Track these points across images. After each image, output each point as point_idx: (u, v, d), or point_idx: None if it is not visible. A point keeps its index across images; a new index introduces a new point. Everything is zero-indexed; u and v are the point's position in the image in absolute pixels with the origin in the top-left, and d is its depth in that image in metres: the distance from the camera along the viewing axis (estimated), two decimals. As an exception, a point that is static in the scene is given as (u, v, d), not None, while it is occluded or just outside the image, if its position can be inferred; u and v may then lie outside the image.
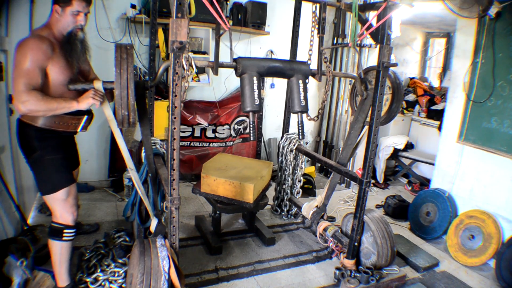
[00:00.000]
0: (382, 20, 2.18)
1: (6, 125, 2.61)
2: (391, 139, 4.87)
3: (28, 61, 1.79)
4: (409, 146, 5.00)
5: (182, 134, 4.17)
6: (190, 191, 3.08)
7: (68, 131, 2.10)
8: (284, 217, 3.63)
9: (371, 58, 4.43)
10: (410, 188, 4.83)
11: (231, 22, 4.08)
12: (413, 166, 5.04)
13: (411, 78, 5.68)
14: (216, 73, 2.20)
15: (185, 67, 1.80)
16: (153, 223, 2.27)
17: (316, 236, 3.14)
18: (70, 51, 1.97)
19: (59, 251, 2.08)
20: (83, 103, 1.90)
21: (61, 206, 2.04)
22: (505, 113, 2.99)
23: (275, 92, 4.75)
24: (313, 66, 2.58)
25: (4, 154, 2.52)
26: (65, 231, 2.06)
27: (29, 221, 2.92)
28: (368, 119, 2.62)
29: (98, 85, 1.93)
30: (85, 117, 2.14)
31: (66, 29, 1.97)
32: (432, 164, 3.96)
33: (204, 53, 4.04)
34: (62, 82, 1.94)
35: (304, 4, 3.17)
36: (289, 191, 3.52)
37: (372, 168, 2.51)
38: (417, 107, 5.22)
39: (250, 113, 2.18)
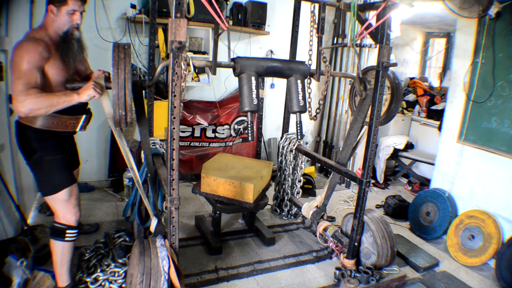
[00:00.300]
0: (382, 20, 2.18)
1: (6, 124, 2.61)
2: (391, 139, 4.87)
3: (25, 63, 1.79)
4: (409, 146, 5.00)
5: (182, 134, 4.18)
6: (190, 191, 3.08)
7: (67, 131, 2.10)
8: (284, 217, 3.63)
9: (371, 58, 4.43)
10: (410, 188, 4.83)
11: (231, 22, 4.09)
12: (413, 166, 5.04)
13: (411, 78, 5.68)
14: (214, 72, 2.20)
15: (183, 67, 1.80)
16: (153, 223, 2.27)
17: (316, 236, 3.13)
18: (67, 51, 1.96)
19: (61, 251, 2.08)
20: (84, 95, 1.86)
21: (63, 206, 2.04)
22: (505, 113, 2.99)
23: (275, 92, 4.75)
24: (313, 66, 2.58)
25: (4, 153, 2.53)
26: (67, 231, 2.06)
27: (29, 221, 2.92)
28: (367, 119, 2.62)
29: (100, 80, 1.91)
30: (84, 116, 2.14)
31: (62, 28, 1.95)
32: (432, 164, 3.96)
33: (204, 53, 4.05)
34: (59, 83, 1.94)
35: (303, 4, 3.17)
36: (289, 191, 3.52)
37: (372, 168, 2.51)
38: (417, 107, 5.22)
39: (248, 113, 2.18)
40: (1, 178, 2.38)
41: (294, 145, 3.42)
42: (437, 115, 4.70)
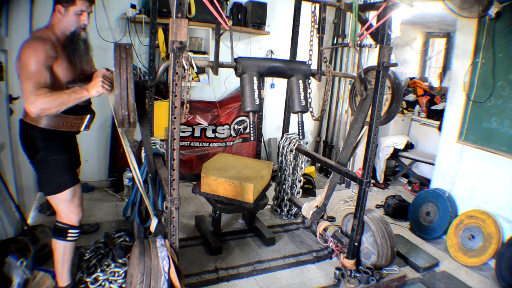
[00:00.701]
0: (382, 20, 2.18)
1: (6, 124, 2.61)
2: (391, 139, 4.87)
3: (33, 63, 1.78)
4: (409, 146, 5.00)
5: (182, 134, 4.17)
6: (190, 191, 3.08)
7: (72, 131, 2.11)
8: (284, 217, 3.63)
9: (371, 58, 4.43)
10: (410, 188, 4.83)
11: (231, 22, 4.08)
12: (413, 166, 5.04)
13: (411, 78, 5.68)
14: (216, 73, 2.20)
15: (186, 67, 1.80)
16: (153, 223, 2.27)
17: (316, 236, 3.13)
18: (74, 51, 1.96)
19: (63, 251, 2.08)
20: (93, 91, 1.85)
21: (66, 206, 2.04)
22: (505, 113, 2.99)
23: (275, 92, 4.75)
24: (313, 66, 2.58)
25: (4, 153, 2.52)
26: (69, 231, 2.06)
27: (29, 221, 2.92)
28: (367, 119, 2.62)
29: (110, 76, 1.89)
30: (88, 116, 2.14)
31: (69, 29, 1.96)
32: (432, 164, 3.96)
33: (204, 53, 4.04)
34: (66, 83, 1.94)
35: (304, 4, 3.17)
36: (289, 191, 3.52)
37: (372, 168, 2.51)
38: (417, 107, 5.22)
39: (250, 113, 2.18)
40: (1, 178, 2.38)
41: (294, 145, 3.42)
42: (437, 115, 4.70)
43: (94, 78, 1.90)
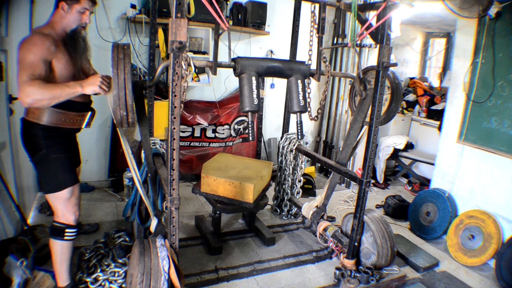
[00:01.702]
0: (382, 20, 2.18)
1: (6, 124, 2.61)
2: (391, 139, 4.87)
3: (31, 54, 1.80)
4: (409, 146, 5.00)
5: (182, 134, 4.17)
6: (190, 191, 3.08)
7: (74, 128, 2.12)
8: (284, 217, 3.63)
9: (371, 58, 4.43)
10: (410, 188, 4.83)
11: (231, 22, 4.09)
12: (413, 166, 5.04)
13: (411, 78, 5.68)
14: (214, 73, 2.20)
15: (184, 67, 1.80)
16: (153, 223, 2.27)
17: (316, 236, 3.13)
18: (74, 47, 1.99)
19: (60, 251, 2.09)
20: (88, 88, 1.86)
21: (64, 205, 2.05)
22: (505, 113, 2.99)
23: (275, 92, 4.75)
24: (313, 66, 2.58)
25: (4, 153, 2.53)
26: (66, 230, 2.06)
27: (29, 221, 2.92)
28: (367, 119, 2.62)
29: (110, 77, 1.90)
30: (89, 113, 2.16)
31: (71, 26, 1.98)
32: (432, 164, 3.96)
33: (204, 53, 4.05)
34: (65, 78, 1.95)
35: (304, 4, 3.17)
36: (289, 191, 3.52)
37: (372, 168, 2.51)
38: (417, 107, 5.22)
39: (249, 113, 2.18)
40: (1, 178, 2.38)
41: (294, 145, 3.42)
42: (437, 115, 4.70)
43: (92, 77, 1.92)
